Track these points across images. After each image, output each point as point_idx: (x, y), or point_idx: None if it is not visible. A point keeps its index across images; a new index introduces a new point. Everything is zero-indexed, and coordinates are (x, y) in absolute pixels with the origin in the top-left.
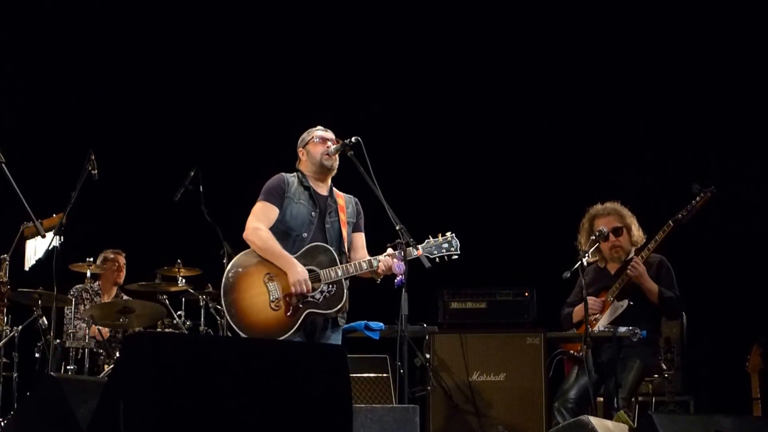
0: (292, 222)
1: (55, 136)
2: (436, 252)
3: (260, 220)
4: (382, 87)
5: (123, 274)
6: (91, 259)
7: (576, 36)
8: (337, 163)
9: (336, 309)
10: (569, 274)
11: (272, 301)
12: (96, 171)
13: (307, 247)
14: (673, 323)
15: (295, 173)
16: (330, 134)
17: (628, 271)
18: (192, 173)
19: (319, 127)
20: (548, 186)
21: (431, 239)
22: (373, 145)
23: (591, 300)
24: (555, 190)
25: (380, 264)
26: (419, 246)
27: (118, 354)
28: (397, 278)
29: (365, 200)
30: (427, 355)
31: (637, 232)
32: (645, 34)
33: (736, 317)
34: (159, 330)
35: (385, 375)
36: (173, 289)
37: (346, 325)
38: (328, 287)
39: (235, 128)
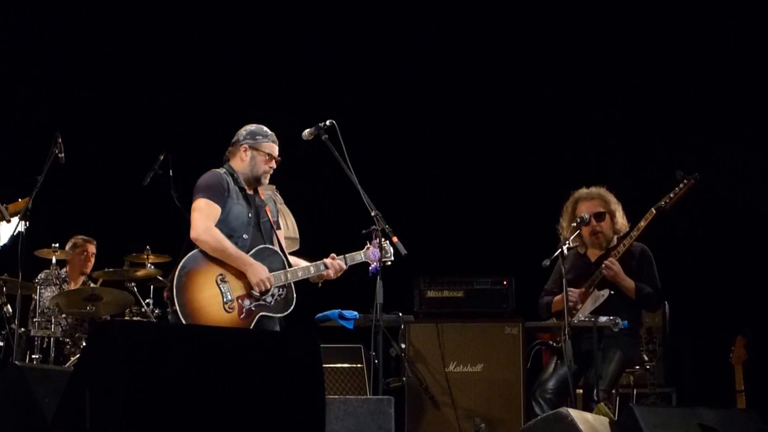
0: (234, 223)
1: (21, 119)
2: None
3: (208, 219)
4: (357, 70)
5: (91, 264)
6: (57, 245)
7: (556, 18)
8: None
9: (286, 312)
10: (549, 262)
11: (225, 303)
12: (63, 154)
13: (256, 249)
14: (655, 313)
15: (225, 170)
16: (277, 150)
17: (603, 271)
18: (161, 157)
19: (269, 135)
20: (528, 170)
21: (370, 246)
22: (347, 130)
23: (571, 291)
24: (535, 174)
25: (328, 271)
26: (361, 252)
27: (84, 343)
28: (372, 266)
29: (340, 186)
30: (403, 345)
31: (621, 220)
32: (630, 17)
33: (720, 307)
34: (127, 318)
35: (359, 365)
36: (141, 275)
37: (320, 314)
38: (279, 291)
39: (206, 110)
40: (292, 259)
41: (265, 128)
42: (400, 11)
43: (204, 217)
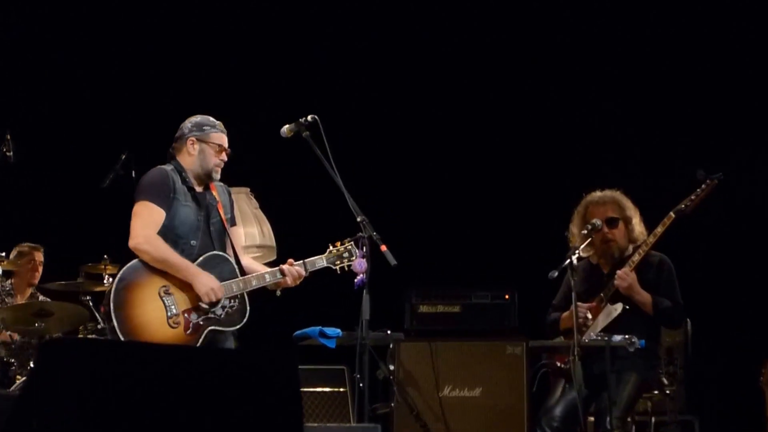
0: (181, 228)
1: None
2: (338, 263)
3: (148, 226)
4: (341, 62)
5: (39, 274)
6: (3, 254)
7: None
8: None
9: (239, 325)
10: (557, 274)
11: (170, 318)
12: (12, 153)
13: (205, 256)
14: (675, 332)
15: (172, 167)
16: (227, 141)
17: (616, 282)
18: (123, 156)
19: (217, 125)
20: (534, 171)
21: (332, 248)
22: (330, 126)
23: (580, 306)
24: (542, 175)
25: (286, 278)
26: (323, 257)
27: (32, 363)
28: (358, 277)
29: (323, 189)
30: (391, 367)
31: (638, 227)
32: (643, 8)
33: (748, 324)
34: (81, 336)
35: (342, 389)
36: (98, 288)
37: (299, 332)
38: (231, 302)
39: (169, 107)
40: (249, 264)
41: (211, 118)
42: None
43: (144, 224)
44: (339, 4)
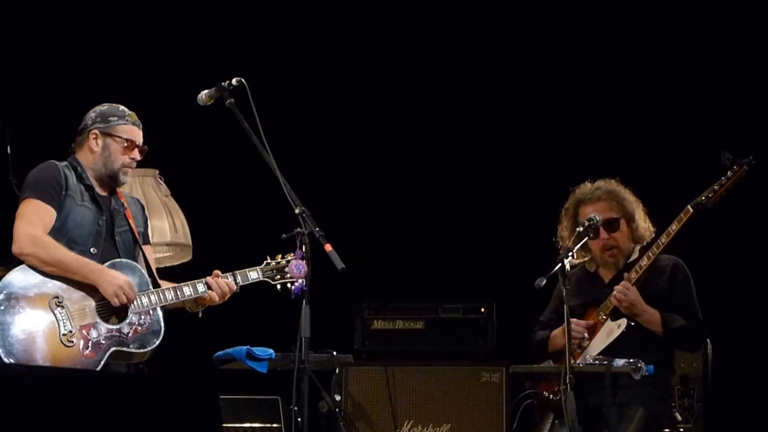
0: (75, 231)
1: None
2: (278, 278)
3: (35, 226)
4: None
5: None
6: None
7: None
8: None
9: (151, 347)
10: (545, 282)
11: (63, 335)
12: None
13: (109, 263)
14: (692, 355)
15: (66, 162)
16: (140, 135)
17: (613, 298)
18: None
19: (128, 116)
20: (514, 161)
21: (270, 261)
22: (263, 93)
23: (574, 322)
24: (523, 164)
25: (211, 293)
26: (258, 268)
27: None
28: (296, 284)
29: (253, 172)
30: (338, 397)
31: (643, 224)
32: None
33: None
34: None
35: (275, 425)
36: None
37: (220, 353)
38: (140, 318)
39: (56, 72)
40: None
41: (122, 107)
42: None
43: (29, 224)
44: None
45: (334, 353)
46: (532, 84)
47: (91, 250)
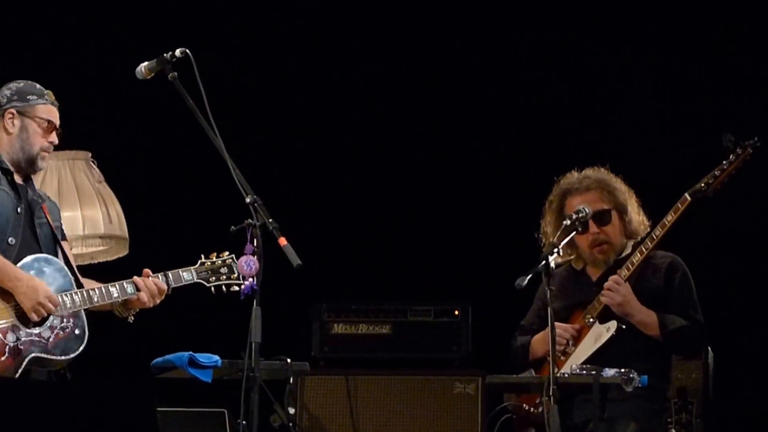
0: None
1: None
2: (213, 279)
3: None
4: None
5: None
6: None
7: None
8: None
9: (74, 354)
10: (527, 282)
11: None
12: None
13: (27, 260)
14: (691, 364)
15: None
16: (58, 116)
17: (603, 297)
18: None
19: (46, 95)
20: (492, 147)
21: (205, 260)
22: (211, 67)
23: (559, 326)
24: (502, 154)
25: (141, 294)
26: (192, 268)
27: None
28: (246, 283)
29: (199, 155)
30: (292, 410)
31: (637, 217)
32: None
33: None
34: None
35: None
36: None
37: (159, 359)
38: (63, 322)
39: None
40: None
41: (38, 85)
42: None
43: None
44: None
45: (289, 360)
46: (502, 67)
47: (9, 240)
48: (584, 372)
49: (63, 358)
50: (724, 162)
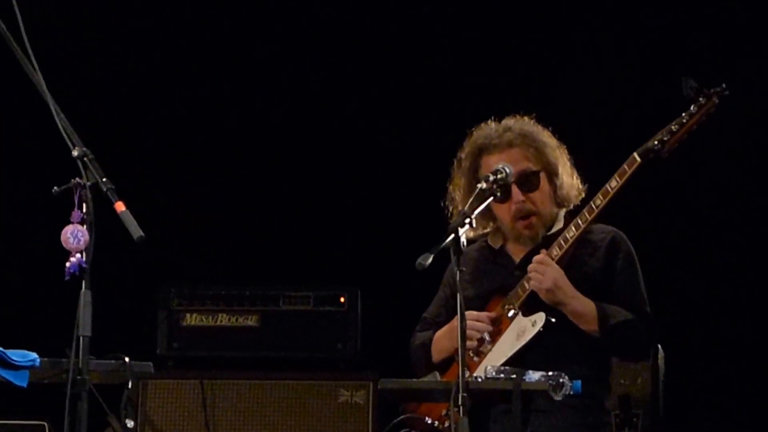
0: None
1: None
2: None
3: None
4: None
5: None
6: None
7: None
8: None
9: None
10: (430, 261)
11: None
12: None
13: None
14: (636, 367)
15: None
16: None
17: (527, 282)
18: None
19: None
20: (382, 87)
21: None
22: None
23: (473, 316)
24: (396, 95)
25: None
26: None
27: None
28: (71, 261)
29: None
30: (130, 423)
31: (570, 180)
32: None
33: (759, 351)
34: None
35: None
36: None
37: None
38: None
39: None
40: None
41: None
42: None
43: None
44: None
45: (127, 359)
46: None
47: None
48: (503, 376)
49: None
50: (684, 114)
